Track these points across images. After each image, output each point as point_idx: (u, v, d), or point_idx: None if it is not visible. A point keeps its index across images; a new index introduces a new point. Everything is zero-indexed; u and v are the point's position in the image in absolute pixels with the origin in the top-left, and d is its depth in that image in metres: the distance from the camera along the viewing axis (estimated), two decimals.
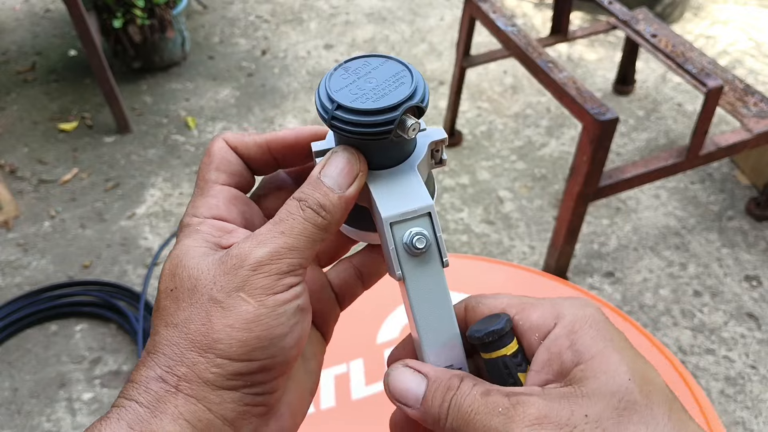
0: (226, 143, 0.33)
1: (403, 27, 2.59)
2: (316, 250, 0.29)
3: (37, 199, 1.93)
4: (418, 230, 0.30)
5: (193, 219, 0.31)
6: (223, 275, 0.28)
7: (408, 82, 0.30)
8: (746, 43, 2.43)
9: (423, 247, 0.29)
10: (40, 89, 2.34)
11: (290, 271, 0.28)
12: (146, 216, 1.86)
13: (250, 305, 0.27)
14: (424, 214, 0.30)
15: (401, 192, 0.30)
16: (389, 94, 0.29)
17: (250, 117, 2.19)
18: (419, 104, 0.29)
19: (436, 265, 0.30)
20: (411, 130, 0.29)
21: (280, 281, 0.28)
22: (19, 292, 1.65)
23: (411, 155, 0.32)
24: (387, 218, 0.30)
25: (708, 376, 1.43)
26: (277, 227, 0.29)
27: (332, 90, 0.30)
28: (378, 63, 0.31)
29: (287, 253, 0.28)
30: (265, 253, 0.28)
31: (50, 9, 2.78)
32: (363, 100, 0.29)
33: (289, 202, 0.30)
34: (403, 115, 0.29)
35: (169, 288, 0.28)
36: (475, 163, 1.97)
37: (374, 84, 0.30)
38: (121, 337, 1.56)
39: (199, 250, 0.29)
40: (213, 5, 2.75)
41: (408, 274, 0.30)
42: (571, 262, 1.56)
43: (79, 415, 1.43)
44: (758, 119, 1.45)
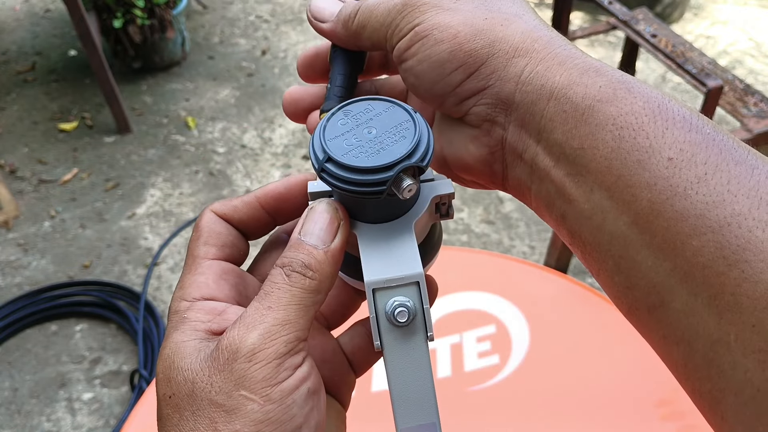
0: (214, 213, 0.31)
1: None
2: (312, 317, 0.27)
3: (37, 199, 1.93)
4: (402, 301, 0.27)
5: (181, 304, 0.28)
6: (219, 373, 0.25)
7: (410, 136, 0.27)
8: (746, 43, 2.43)
9: (405, 321, 0.27)
10: (40, 89, 2.34)
11: (289, 351, 0.25)
12: (146, 216, 1.86)
13: (256, 403, 0.24)
14: (411, 283, 0.27)
15: (390, 254, 0.28)
16: (387, 149, 0.27)
17: (250, 117, 2.19)
18: (418, 164, 0.27)
19: (420, 340, 0.27)
20: (406, 191, 0.26)
21: (282, 366, 0.25)
22: (19, 292, 1.65)
23: (410, 210, 0.29)
24: (369, 283, 0.27)
25: None
26: (263, 303, 0.26)
27: (327, 138, 0.27)
28: (382, 108, 0.28)
29: (280, 329, 0.25)
30: (257, 337, 0.25)
31: (50, 9, 2.77)
32: (357, 154, 0.27)
33: (272, 272, 0.27)
34: (400, 174, 0.26)
35: (167, 395, 0.26)
36: None
37: (373, 135, 0.27)
38: (121, 337, 1.56)
39: (189, 345, 0.26)
40: (213, 5, 2.75)
41: (387, 346, 0.27)
42: (571, 261, 1.55)
43: (79, 415, 1.43)
44: (758, 119, 1.45)
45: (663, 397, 0.70)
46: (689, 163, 0.23)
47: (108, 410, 1.43)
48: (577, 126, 0.25)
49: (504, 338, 0.76)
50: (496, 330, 0.77)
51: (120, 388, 1.47)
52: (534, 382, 0.72)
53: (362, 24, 0.31)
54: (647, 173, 0.23)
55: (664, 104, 0.24)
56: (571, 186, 0.25)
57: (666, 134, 0.23)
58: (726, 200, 0.22)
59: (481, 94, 0.28)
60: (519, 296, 0.81)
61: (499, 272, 0.86)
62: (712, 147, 0.23)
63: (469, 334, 0.77)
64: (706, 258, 0.22)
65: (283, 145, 2.07)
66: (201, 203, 1.89)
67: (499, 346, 0.76)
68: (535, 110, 0.26)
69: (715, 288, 0.21)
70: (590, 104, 0.25)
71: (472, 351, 0.75)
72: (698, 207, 0.22)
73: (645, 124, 0.24)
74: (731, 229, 0.21)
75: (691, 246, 0.22)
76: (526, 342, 0.76)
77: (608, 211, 0.24)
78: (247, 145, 2.08)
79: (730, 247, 0.21)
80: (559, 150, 0.26)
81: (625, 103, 0.24)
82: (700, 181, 0.22)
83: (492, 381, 0.72)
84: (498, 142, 0.28)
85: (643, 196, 0.23)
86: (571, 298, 0.82)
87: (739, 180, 0.22)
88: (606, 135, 0.24)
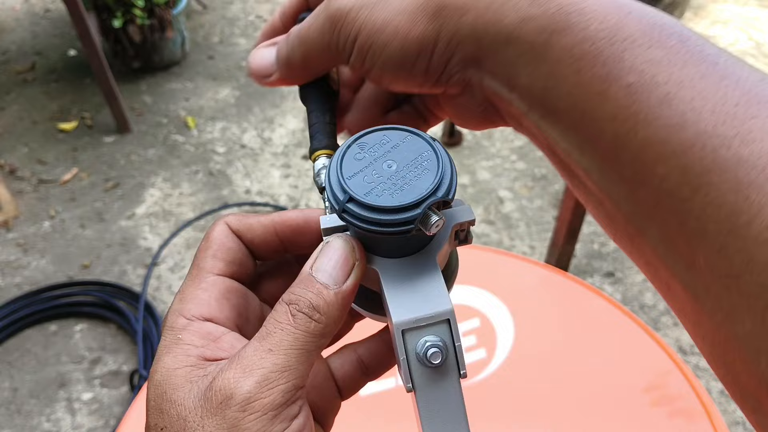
0: (228, 227, 0.30)
1: None
2: (313, 362, 0.26)
3: (37, 199, 1.93)
4: (434, 341, 0.26)
5: (178, 320, 0.27)
6: (211, 417, 0.24)
7: (433, 168, 0.26)
8: (746, 43, 2.43)
9: (439, 362, 0.26)
10: (40, 89, 2.34)
11: (287, 402, 0.24)
12: (146, 216, 1.86)
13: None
14: (442, 321, 0.26)
15: (416, 291, 0.26)
16: (410, 185, 0.25)
17: (250, 117, 2.19)
18: (445, 198, 0.25)
19: (453, 378, 0.26)
20: (434, 227, 0.25)
21: (278, 418, 0.24)
22: (19, 292, 1.65)
23: (431, 242, 0.28)
24: (399, 324, 0.26)
25: (708, 376, 1.43)
26: (263, 344, 0.25)
27: (345, 176, 0.26)
28: (399, 139, 0.27)
29: (279, 377, 0.24)
30: (253, 384, 0.24)
31: (50, 9, 2.77)
32: (379, 192, 0.25)
33: (277, 307, 0.26)
34: (427, 211, 0.25)
35: (158, 426, 0.25)
36: (475, 163, 1.97)
37: (394, 169, 0.26)
38: (120, 337, 1.56)
39: (181, 374, 0.25)
40: (213, 5, 2.75)
41: (419, 387, 0.26)
42: (571, 262, 1.55)
43: (78, 415, 1.43)
44: None
45: (650, 383, 0.70)
46: (650, 85, 0.21)
47: (108, 410, 1.43)
48: (538, 65, 0.24)
49: (489, 331, 0.76)
50: (480, 324, 0.77)
51: (120, 388, 1.47)
52: (522, 373, 0.72)
53: (305, 57, 0.30)
54: (609, 104, 0.22)
55: (621, 20, 0.23)
56: (547, 128, 0.25)
57: (624, 57, 0.22)
58: (689, 120, 0.21)
59: (448, 66, 0.27)
60: (501, 288, 0.80)
61: (479, 264, 0.85)
62: (675, 62, 0.21)
63: None
64: (672, 184, 0.21)
65: (282, 145, 2.07)
66: (201, 203, 1.89)
67: (485, 339, 0.75)
68: (498, 59, 0.25)
69: (683, 215, 0.21)
70: (545, 39, 0.23)
71: None
72: (660, 132, 0.21)
73: (602, 49, 0.22)
74: (694, 151, 0.20)
75: (657, 174, 0.21)
76: (511, 334, 0.76)
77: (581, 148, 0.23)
78: (247, 145, 2.08)
79: (694, 170, 0.20)
80: (528, 94, 0.25)
81: (579, 29, 0.23)
82: (662, 104, 0.21)
83: (481, 375, 0.72)
84: (484, 100, 0.28)
85: (607, 129, 0.22)
86: (552, 286, 0.82)
87: (704, 95, 0.21)
88: (565, 70, 0.23)
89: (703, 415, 0.65)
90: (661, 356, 0.72)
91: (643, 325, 0.76)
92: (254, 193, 1.91)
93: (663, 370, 0.71)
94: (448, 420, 0.26)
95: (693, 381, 0.69)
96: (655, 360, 0.72)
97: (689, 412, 0.67)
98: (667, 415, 0.67)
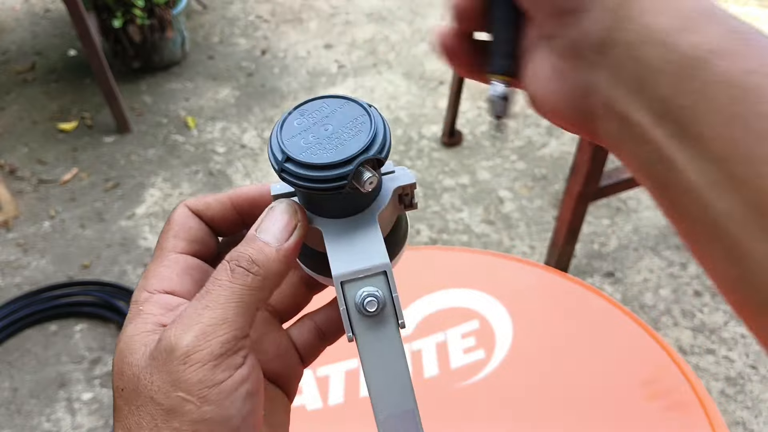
0: (188, 208, 0.31)
1: (403, 27, 2.59)
2: (254, 314, 0.26)
3: (37, 199, 1.93)
4: (370, 291, 0.28)
5: (141, 294, 0.28)
6: (158, 373, 0.25)
7: (366, 130, 0.27)
8: None
9: (374, 310, 0.28)
10: (40, 89, 2.34)
11: (226, 352, 0.25)
12: (146, 216, 1.86)
13: (192, 404, 0.25)
14: (378, 273, 0.28)
15: (357, 247, 0.28)
16: (344, 144, 0.27)
17: (250, 117, 2.19)
18: (377, 156, 0.27)
19: (391, 328, 0.28)
20: (367, 184, 0.27)
21: (219, 368, 0.25)
22: (19, 292, 1.65)
23: (373, 202, 0.30)
24: (337, 277, 0.28)
25: (708, 376, 1.43)
26: (201, 301, 0.26)
27: (284, 138, 0.28)
28: (337, 105, 0.29)
29: (216, 329, 0.25)
30: (191, 338, 0.25)
31: (50, 9, 2.77)
32: (315, 151, 0.27)
33: (218, 266, 0.27)
34: (359, 168, 0.27)
35: (120, 387, 0.26)
36: (475, 163, 1.97)
37: (330, 131, 0.28)
38: None
39: (138, 339, 0.27)
40: (213, 5, 2.75)
41: (360, 336, 0.28)
42: (571, 262, 1.55)
43: (78, 415, 1.43)
44: None
45: (647, 377, 0.70)
46: None
47: (108, 410, 1.43)
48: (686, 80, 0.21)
49: (488, 332, 0.77)
50: (479, 325, 0.77)
51: None
52: (520, 373, 0.73)
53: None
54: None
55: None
56: (676, 151, 0.21)
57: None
58: None
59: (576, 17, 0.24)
60: (499, 290, 0.81)
61: (477, 268, 0.86)
62: None
63: (453, 331, 0.77)
64: None
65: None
66: None
67: (484, 340, 0.76)
68: (638, 55, 0.22)
69: None
70: (702, 56, 0.21)
71: (458, 348, 0.75)
72: None
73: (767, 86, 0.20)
74: None
75: None
76: (509, 334, 0.76)
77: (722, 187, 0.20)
78: (247, 145, 2.08)
79: None
80: (662, 106, 0.22)
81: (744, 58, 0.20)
82: None
83: (479, 375, 0.72)
84: (585, 83, 0.25)
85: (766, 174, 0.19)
86: (549, 287, 0.83)
87: None
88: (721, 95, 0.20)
89: (700, 411, 0.66)
90: (660, 355, 0.72)
91: (642, 325, 0.76)
92: None
93: (659, 364, 0.71)
94: (388, 367, 0.28)
95: (692, 378, 0.69)
96: (651, 354, 0.73)
97: (687, 408, 0.67)
98: (665, 410, 0.67)
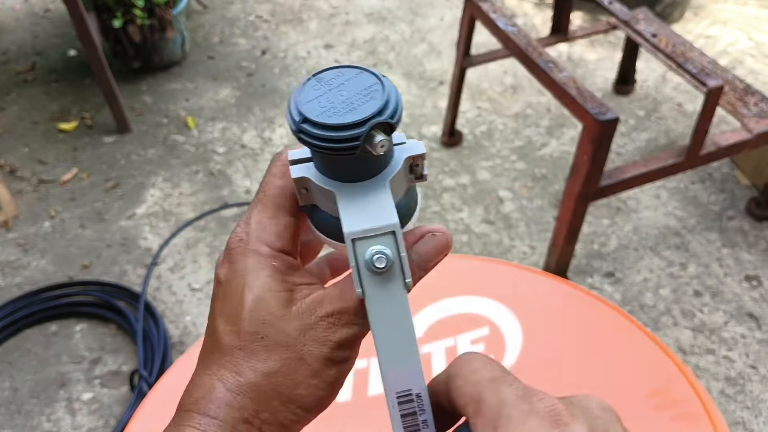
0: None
1: (403, 27, 2.59)
2: None
3: (37, 199, 1.93)
4: (379, 248, 0.29)
5: (263, 248, 0.32)
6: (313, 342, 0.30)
7: (379, 96, 0.29)
8: (746, 43, 2.43)
9: (383, 267, 0.29)
10: (40, 89, 2.34)
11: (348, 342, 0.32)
12: (146, 216, 1.86)
13: (334, 371, 0.31)
14: (388, 232, 0.29)
15: (368, 208, 0.30)
16: (358, 108, 0.28)
17: (250, 117, 2.19)
18: (389, 120, 0.28)
19: (398, 286, 0.30)
20: (379, 147, 0.28)
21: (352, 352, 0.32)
22: (19, 292, 1.65)
23: (385, 170, 0.31)
24: (349, 234, 0.29)
25: (708, 376, 1.43)
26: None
27: (301, 102, 0.29)
28: (352, 74, 0.30)
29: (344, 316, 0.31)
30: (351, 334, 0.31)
31: (50, 9, 2.77)
32: (330, 114, 0.28)
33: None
34: (371, 131, 0.28)
35: (258, 335, 0.30)
36: (475, 163, 1.97)
37: (345, 97, 0.29)
38: (120, 337, 1.56)
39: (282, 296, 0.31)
40: (213, 5, 2.75)
41: (368, 293, 0.30)
42: (571, 262, 1.55)
43: (79, 415, 1.43)
44: (758, 119, 1.45)
45: (655, 387, 0.70)
46: None
47: (108, 410, 1.43)
48: None
49: (498, 340, 0.77)
50: (489, 332, 0.78)
51: (120, 388, 1.47)
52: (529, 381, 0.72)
53: None
54: None
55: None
56: None
57: None
58: None
59: None
60: (510, 298, 0.81)
61: (490, 276, 0.86)
62: None
63: (463, 337, 0.77)
64: None
65: (283, 145, 2.06)
66: (201, 203, 1.89)
67: (493, 347, 0.76)
68: None
69: None
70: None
71: None
72: None
73: None
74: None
75: None
76: (519, 343, 0.76)
77: None
78: (247, 145, 2.08)
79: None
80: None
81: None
82: None
83: None
84: None
85: None
86: (560, 298, 0.83)
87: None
88: None
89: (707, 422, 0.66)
90: (669, 366, 0.72)
91: (652, 336, 0.76)
92: (254, 193, 1.91)
93: (667, 375, 0.71)
94: (394, 324, 0.30)
95: (696, 386, 0.70)
96: (660, 364, 0.73)
97: (692, 416, 0.67)
98: (672, 420, 0.67)
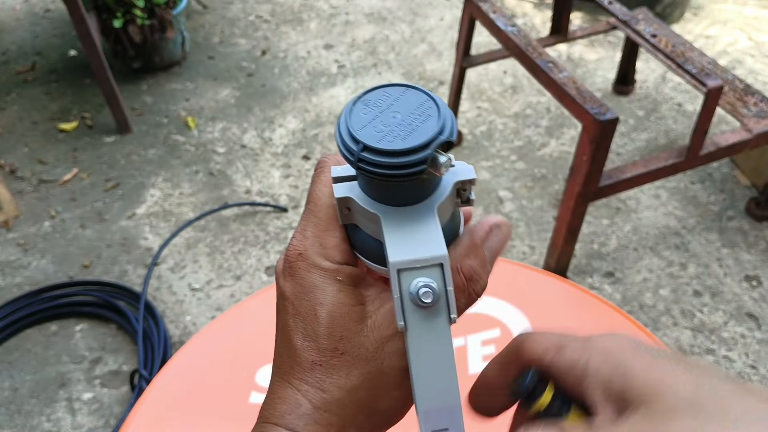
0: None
1: (403, 27, 2.59)
2: None
3: (37, 199, 1.93)
4: (426, 282, 0.27)
5: (325, 263, 0.31)
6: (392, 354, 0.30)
7: (435, 114, 0.27)
8: (746, 43, 2.43)
9: (430, 302, 0.27)
10: (40, 89, 2.34)
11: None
12: (146, 216, 1.86)
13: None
14: (435, 264, 0.27)
15: (415, 236, 0.28)
16: (417, 130, 0.27)
17: (250, 117, 2.19)
18: (450, 139, 0.27)
19: (443, 322, 0.28)
20: (443, 168, 0.26)
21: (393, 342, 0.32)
22: (19, 292, 1.65)
23: (433, 194, 0.29)
24: (394, 264, 0.27)
25: None
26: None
27: (355, 128, 0.27)
28: (398, 93, 0.29)
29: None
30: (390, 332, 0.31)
31: (50, 9, 2.78)
32: (390, 138, 0.27)
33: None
34: (434, 152, 0.26)
35: (338, 351, 0.30)
36: (475, 163, 1.97)
37: (399, 118, 0.27)
38: (121, 337, 1.56)
39: (356, 311, 0.30)
40: (213, 5, 2.75)
41: (411, 326, 0.28)
42: (571, 262, 1.55)
43: (79, 415, 1.43)
44: (758, 119, 1.45)
45: None
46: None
47: (108, 410, 1.43)
48: None
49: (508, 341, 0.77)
50: (500, 333, 0.78)
51: (120, 388, 1.47)
52: None
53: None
54: None
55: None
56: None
57: None
58: None
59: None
60: (522, 300, 0.82)
61: (501, 277, 0.86)
62: None
63: (473, 337, 0.78)
64: None
65: (283, 145, 2.07)
66: (201, 203, 1.89)
67: None
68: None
69: None
70: None
71: (477, 354, 0.76)
72: None
73: None
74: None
75: None
76: None
77: None
78: (247, 145, 2.08)
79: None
80: None
81: None
82: None
83: None
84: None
85: None
86: (571, 300, 0.83)
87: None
88: None
89: None
90: None
91: (648, 334, 0.77)
92: (254, 193, 1.91)
93: None
94: (436, 360, 0.28)
95: None
96: None
97: None
98: None
